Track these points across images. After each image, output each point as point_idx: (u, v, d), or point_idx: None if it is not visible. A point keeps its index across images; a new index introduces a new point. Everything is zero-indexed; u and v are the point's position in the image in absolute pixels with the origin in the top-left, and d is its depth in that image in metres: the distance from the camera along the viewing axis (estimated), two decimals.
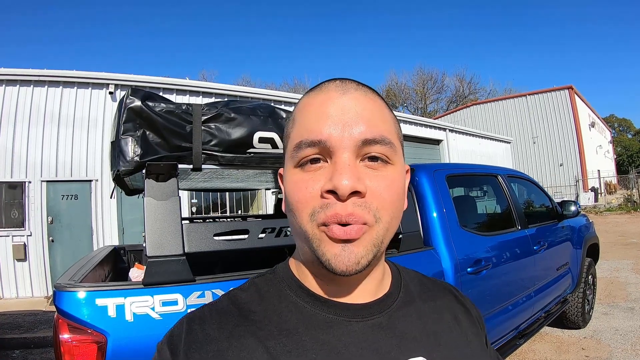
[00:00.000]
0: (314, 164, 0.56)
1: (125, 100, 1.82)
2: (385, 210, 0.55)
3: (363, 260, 0.54)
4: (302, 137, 0.56)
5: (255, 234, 1.86)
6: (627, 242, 11.43)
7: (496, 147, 20.59)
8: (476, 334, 0.70)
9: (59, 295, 1.58)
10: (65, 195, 8.30)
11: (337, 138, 0.54)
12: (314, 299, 0.61)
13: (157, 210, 1.69)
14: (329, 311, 0.60)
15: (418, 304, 0.67)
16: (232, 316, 0.60)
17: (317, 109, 0.57)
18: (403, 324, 0.62)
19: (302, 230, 0.56)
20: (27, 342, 5.47)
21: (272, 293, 0.63)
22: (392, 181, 0.56)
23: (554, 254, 3.91)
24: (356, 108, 0.56)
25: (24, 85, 8.09)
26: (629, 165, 43.84)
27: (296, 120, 0.61)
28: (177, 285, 1.63)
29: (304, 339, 0.56)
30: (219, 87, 10.33)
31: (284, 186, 0.61)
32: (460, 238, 2.80)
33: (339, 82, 0.60)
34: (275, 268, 0.69)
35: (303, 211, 0.55)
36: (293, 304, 0.61)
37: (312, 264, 0.61)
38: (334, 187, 0.52)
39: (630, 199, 22.62)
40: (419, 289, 0.71)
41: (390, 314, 0.62)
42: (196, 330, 0.58)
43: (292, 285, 0.64)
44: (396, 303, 0.64)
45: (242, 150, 1.94)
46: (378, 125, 0.56)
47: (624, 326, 4.86)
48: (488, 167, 3.97)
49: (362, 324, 0.59)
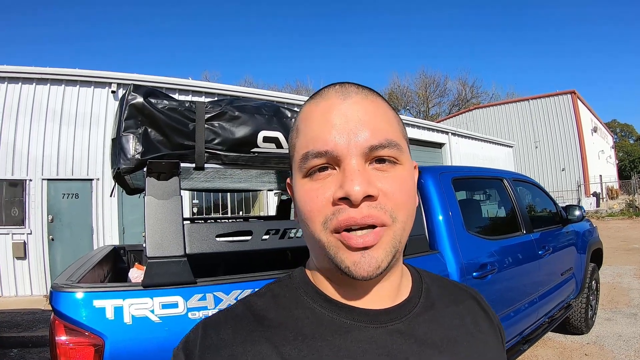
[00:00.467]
0: (322, 172, 0.56)
1: (127, 96, 1.78)
2: (400, 209, 0.55)
3: (383, 264, 0.54)
4: (307, 148, 0.56)
5: (259, 236, 1.82)
6: (629, 248, 11.41)
7: (498, 151, 20.59)
8: (496, 342, 0.69)
9: (56, 295, 1.54)
10: (66, 193, 8.28)
11: (343, 146, 0.54)
12: (331, 304, 0.60)
13: (158, 210, 1.64)
14: (347, 316, 0.59)
15: (439, 309, 0.66)
16: (248, 321, 0.59)
17: (320, 118, 0.57)
18: (423, 330, 0.61)
19: (316, 239, 0.56)
20: (25, 341, 5.45)
21: (288, 298, 0.62)
22: (402, 181, 0.56)
23: (558, 258, 3.88)
24: (359, 114, 0.56)
25: (26, 83, 8.08)
26: (631, 171, 43.87)
27: (300, 130, 0.60)
28: (178, 287, 1.59)
29: (320, 345, 0.56)
30: (222, 87, 10.31)
31: (294, 197, 0.61)
32: (465, 242, 2.76)
33: (338, 87, 0.60)
34: (292, 273, 0.68)
35: (315, 220, 0.55)
36: (309, 309, 0.60)
37: (329, 270, 0.60)
38: (346, 193, 0.51)
39: (632, 205, 22.60)
40: (440, 293, 0.69)
41: (410, 319, 0.61)
42: (211, 335, 0.58)
43: (309, 291, 0.63)
44: (416, 308, 0.63)
45: (245, 150, 1.90)
46: (382, 128, 0.56)
47: (627, 332, 4.83)
48: (494, 170, 3.93)
49: (380, 329, 0.58)
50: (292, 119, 2.03)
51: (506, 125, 29.89)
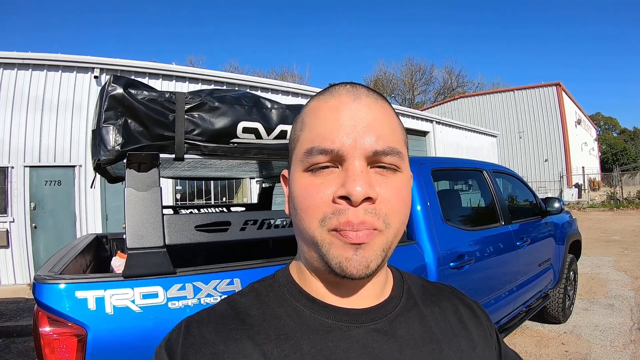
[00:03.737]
0: (325, 169, 0.56)
1: (107, 87, 1.77)
2: (394, 216, 0.56)
3: (372, 265, 0.55)
4: (313, 144, 0.57)
5: (237, 226, 1.84)
6: (609, 239, 11.61)
7: (482, 140, 20.74)
8: (484, 337, 0.70)
9: (38, 287, 1.55)
10: (49, 181, 8.17)
11: (350, 147, 0.55)
12: (314, 304, 0.62)
13: (138, 201, 1.65)
14: (329, 316, 0.60)
15: (421, 309, 0.67)
16: (230, 320, 0.60)
17: (329, 115, 0.58)
18: (404, 329, 0.62)
19: (310, 234, 0.57)
20: (10, 330, 5.38)
21: (271, 298, 0.64)
22: (399, 188, 0.58)
23: (536, 249, 3.96)
24: (367, 117, 0.57)
25: (7, 68, 7.89)
26: (613, 163, 44.51)
27: (306, 124, 0.61)
28: (158, 277, 1.61)
29: (302, 344, 0.57)
30: (206, 72, 10.17)
31: (291, 189, 0.61)
32: (443, 232, 2.81)
33: (350, 87, 0.61)
34: (276, 273, 0.69)
35: (313, 216, 0.56)
36: (292, 308, 0.61)
37: (317, 268, 0.61)
38: (347, 193, 0.53)
39: (613, 197, 22.96)
40: (422, 293, 0.71)
41: (391, 319, 0.62)
42: (194, 334, 0.59)
43: (292, 290, 0.64)
44: (398, 308, 0.65)
45: (225, 140, 1.91)
46: (388, 135, 0.57)
47: (603, 322, 4.95)
48: (474, 161, 3.98)
49: (361, 329, 0.59)
50: (272, 110, 2.04)
51: (491, 115, 30.12)
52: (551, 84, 28.07)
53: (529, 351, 4.25)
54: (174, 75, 9.50)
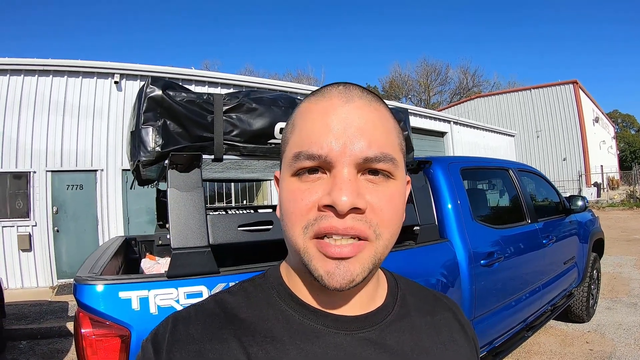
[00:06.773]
0: (312, 174, 0.54)
1: (146, 89, 1.80)
2: (386, 226, 0.54)
3: (358, 278, 0.52)
4: (301, 148, 0.54)
5: (280, 225, 1.84)
6: (629, 238, 11.47)
7: (500, 140, 20.55)
8: (469, 356, 0.68)
9: (79, 288, 1.55)
10: (71, 185, 8.30)
11: (338, 153, 0.52)
12: (303, 308, 0.60)
13: (181, 202, 1.66)
14: (317, 321, 0.58)
15: (414, 318, 0.65)
16: (218, 319, 0.59)
17: (318, 118, 0.55)
18: (394, 339, 0.60)
19: (293, 241, 0.55)
20: (34, 332, 5.48)
21: (260, 299, 0.62)
22: (392, 196, 0.55)
23: (561, 248, 3.93)
24: (359, 121, 0.53)
25: (29, 75, 8.05)
26: (632, 161, 43.74)
27: (296, 126, 0.58)
28: (202, 277, 1.62)
29: (288, 348, 0.55)
30: (226, 77, 10.22)
31: (280, 192, 0.59)
32: (473, 230, 2.81)
33: (342, 87, 0.57)
34: (266, 273, 0.68)
35: (296, 223, 0.53)
36: (281, 311, 0.60)
37: (304, 273, 0.59)
38: (332, 202, 0.50)
39: (633, 195, 22.62)
40: (417, 302, 0.69)
41: (382, 328, 0.60)
42: (180, 330, 0.58)
43: (282, 293, 0.62)
44: (390, 316, 0.63)
45: (263, 141, 1.93)
46: (380, 140, 0.54)
47: (627, 321, 4.91)
48: (500, 160, 3.97)
49: (350, 337, 0.58)
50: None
51: (508, 115, 29.80)
52: (568, 82, 27.68)
53: (553, 350, 4.22)
54: (193, 80, 9.58)
